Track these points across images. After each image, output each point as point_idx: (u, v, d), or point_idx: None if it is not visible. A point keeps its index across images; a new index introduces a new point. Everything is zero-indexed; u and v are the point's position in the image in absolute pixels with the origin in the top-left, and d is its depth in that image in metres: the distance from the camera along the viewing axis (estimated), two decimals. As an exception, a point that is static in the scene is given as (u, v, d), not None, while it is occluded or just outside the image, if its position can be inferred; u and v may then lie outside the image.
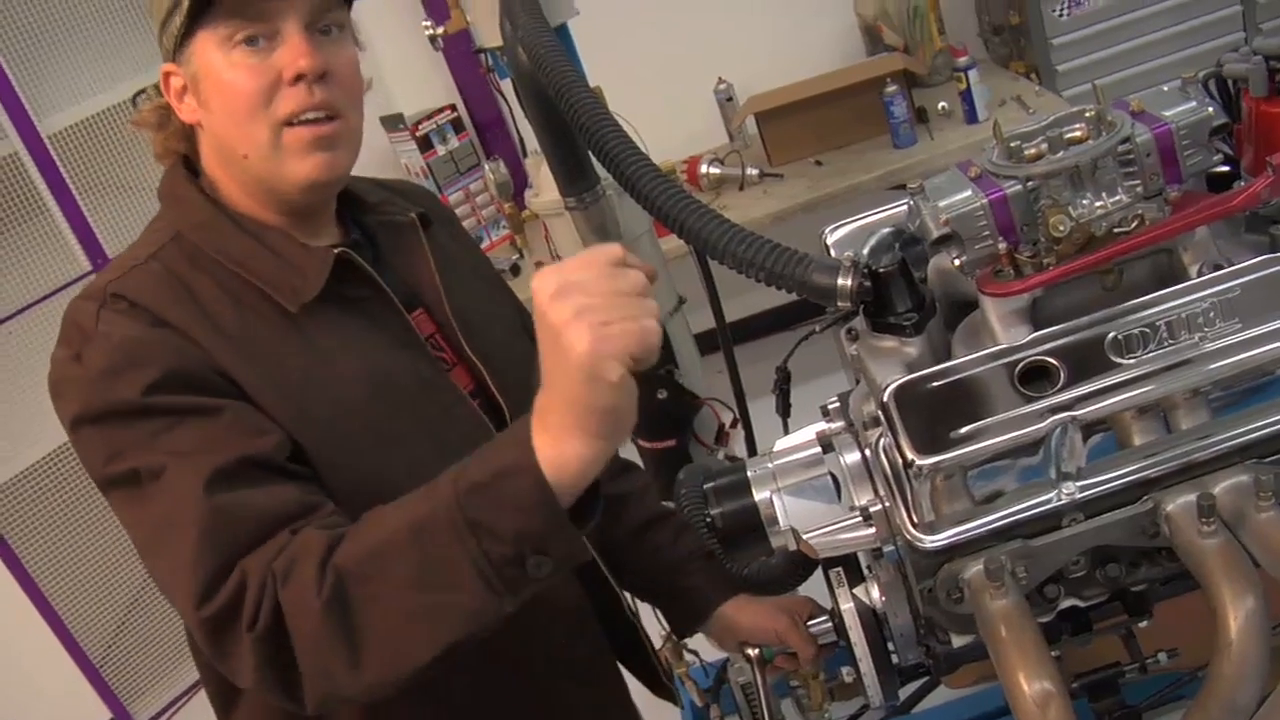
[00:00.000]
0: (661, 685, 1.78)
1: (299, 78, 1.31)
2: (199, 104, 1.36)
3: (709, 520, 1.24)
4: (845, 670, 1.40)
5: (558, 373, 1.03)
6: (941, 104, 4.01)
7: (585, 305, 1.00)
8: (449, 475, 1.13)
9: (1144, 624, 1.17)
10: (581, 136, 1.28)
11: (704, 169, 4.10)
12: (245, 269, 1.36)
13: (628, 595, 1.72)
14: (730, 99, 4.42)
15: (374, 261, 1.44)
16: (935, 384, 1.00)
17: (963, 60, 3.89)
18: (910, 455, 0.96)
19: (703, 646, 2.14)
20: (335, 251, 1.38)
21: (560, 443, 1.06)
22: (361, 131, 1.42)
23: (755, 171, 4.05)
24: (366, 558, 1.14)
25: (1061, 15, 4.13)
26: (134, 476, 1.24)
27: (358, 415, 1.34)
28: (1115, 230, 1.03)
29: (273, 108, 1.32)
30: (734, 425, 2.11)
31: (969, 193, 1.05)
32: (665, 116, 3.68)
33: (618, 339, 0.99)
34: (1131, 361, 0.98)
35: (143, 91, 1.45)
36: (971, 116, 3.90)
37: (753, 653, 1.65)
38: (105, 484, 1.28)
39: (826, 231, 1.30)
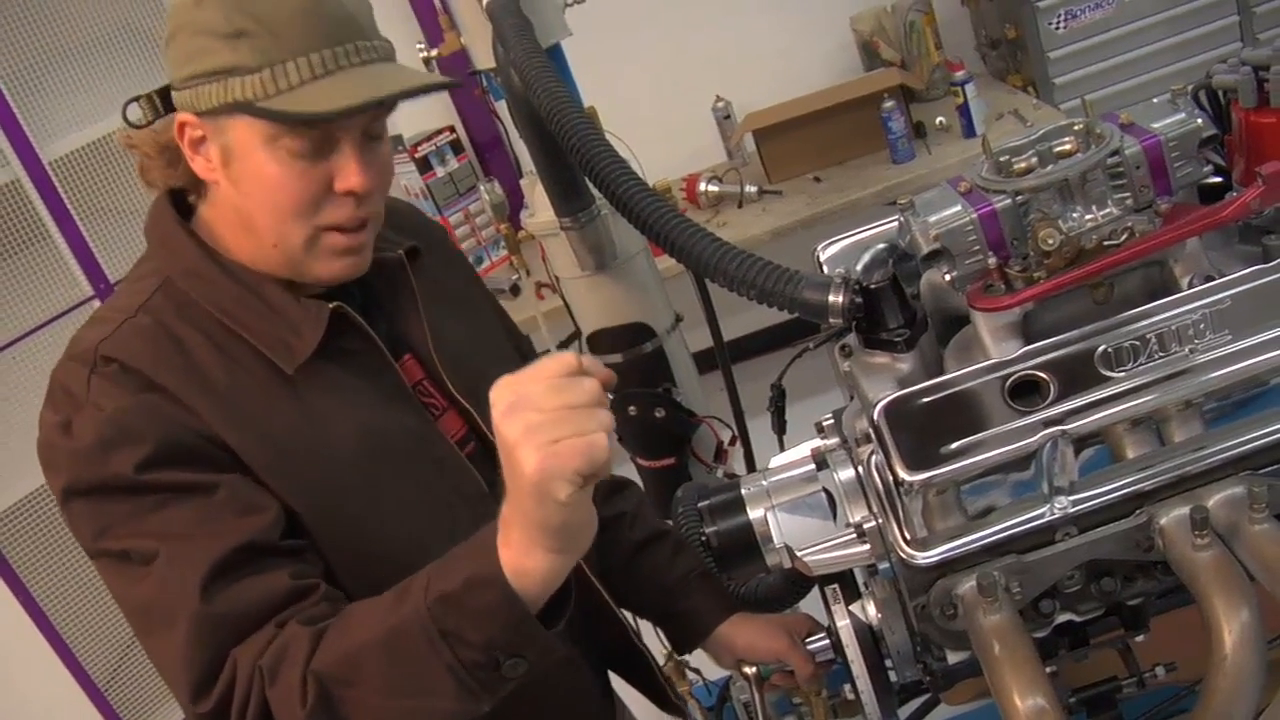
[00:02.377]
0: (669, 703, 1.77)
1: (349, 192, 1.28)
2: (226, 177, 1.29)
3: (704, 539, 1.24)
4: (848, 687, 1.39)
5: (512, 488, 1.04)
6: (939, 119, 4.01)
7: (534, 423, 0.99)
8: (420, 580, 1.14)
9: (1141, 638, 1.16)
10: (573, 157, 1.28)
11: (703, 187, 4.11)
12: (238, 324, 1.32)
13: (631, 617, 1.71)
14: (728, 116, 4.43)
15: (364, 304, 1.41)
16: (926, 399, 1.00)
17: (960, 74, 3.90)
18: (901, 472, 0.96)
19: (705, 665, 2.13)
20: (330, 307, 1.34)
21: (522, 557, 1.07)
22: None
23: (754, 189, 4.05)
24: (345, 663, 1.14)
25: (1058, 28, 4.13)
26: (124, 555, 1.23)
27: (349, 477, 1.32)
28: (1105, 243, 1.03)
29: (317, 216, 1.29)
30: (733, 443, 2.10)
31: (959, 208, 1.06)
32: (663, 135, 3.69)
33: (565, 458, 0.98)
34: (1122, 374, 0.97)
35: (135, 100, 1.35)
36: (969, 130, 3.91)
37: (750, 671, 1.64)
38: (94, 555, 1.27)
39: (819, 248, 1.30)
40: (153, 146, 1.35)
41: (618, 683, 1.78)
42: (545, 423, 0.99)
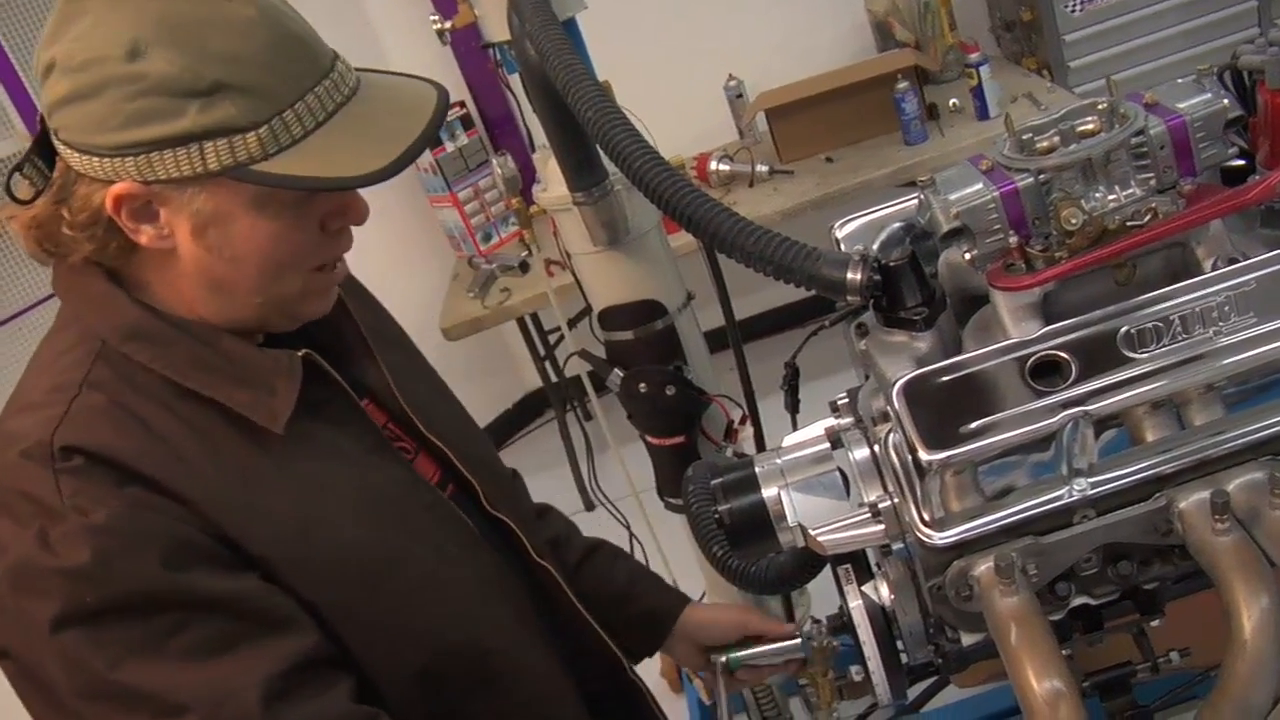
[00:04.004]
0: None
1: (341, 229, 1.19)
2: (200, 246, 1.12)
3: (717, 516, 1.23)
4: (854, 669, 1.39)
5: None
6: (953, 100, 3.99)
7: None
8: None
9: (1156, 623, 1.16)
10: (589, 130, 1.27)
11: (714, 166, 4.09)
12: (201, 385, 1.15)
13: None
14: (740, 95, 4.41)
15: (314, 348, 1.26)
16: (945, 379, 0.99)
17: (974, 56, 3.88)
18: (920, 451, 0.95)
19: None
20: (299, 355, 1.21)
21: None
22: None
23: (765, 168, 4.04)
24: None
25: (1074, 11, 4.11)
26: (150, 695, 1.06)
27: (360, 554, 1.21)
28: (1128, 224, 1.02)
29: (313, 258, 1.18)
30: (743, 422, 2.09)
31: (980, 186, 1.04)
32: (675, 113, 3.67)
33: None
34: (1144, 356, 0.96)
35: (17, 170, 1.12)
36: (983, 113, 3.89)
37: (721, 660, 1.62)
38: (100, 696, 1.06)
39: (836, 226, 1.29)
40: (70, 225, 1.11)
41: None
42: None
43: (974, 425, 0.95)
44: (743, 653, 1.62)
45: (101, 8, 1.05)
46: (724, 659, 1.61)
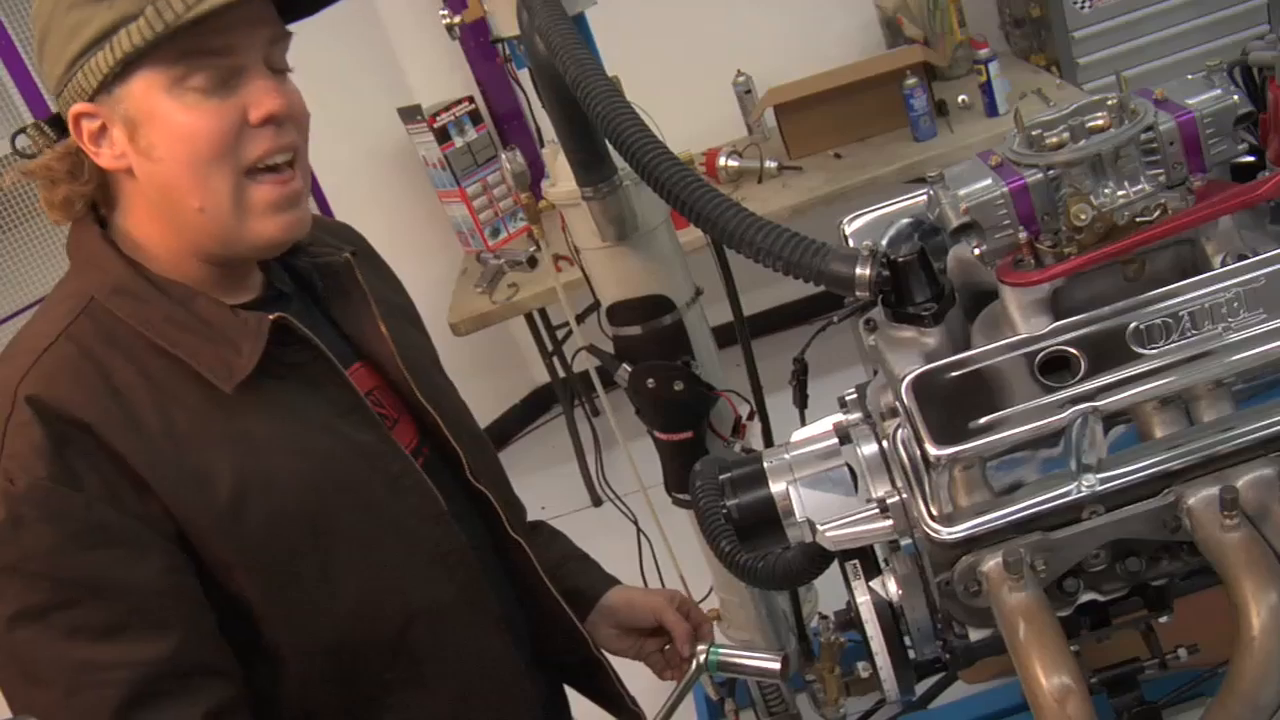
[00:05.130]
0: (625, 709, 1.74)
1: (267, 119, 1.22)
2: (137, 151, 1.21)
3: (725, 511, 1.23)
4: (861, 664, 1.39)
5: None
6: (961, 97, 3.99)
7: None
8: None
9: (1164, 619, 1.16)
10: (598, 124, 1.27)
11: (722, 161, 4.09)
12: (171, 342, 1.23)
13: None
14: (749, 91, 4.40)
15: (311, 311, 1.35)
16: (954, 374, 0.99)
17: (983, 53, 3.87)
18: (929, 446, 0.95)
19: (719, 640, 2.12)
20: (270, 319, 1.27)
21: None
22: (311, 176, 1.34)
23: (774, 164, 4.03)
24: None
25: (1083, 8, 4.10)
26: (29, 658, 1.16)
27: (296, 520, 1.25)
28: (1138, 220, 1.02)
29: (238, 153, 1.22)
30: (751, 418, 2.09)
31: (989, 181, 1.04)
32: (684, 108, 3.67)
33: None
34: (1154, 352, 0.96)
35: (21, 131, 1.26)
36: (992, 109, 3.89)
37: (701, 655, 1.61)
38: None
39: (845, 221, 1.29)
40: (53, 159, 1.25)
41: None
42: None
43: (983, 421, 0.95)
44: (724, 655, 1.60)
45: None
46: (704, 655, 1.60)
